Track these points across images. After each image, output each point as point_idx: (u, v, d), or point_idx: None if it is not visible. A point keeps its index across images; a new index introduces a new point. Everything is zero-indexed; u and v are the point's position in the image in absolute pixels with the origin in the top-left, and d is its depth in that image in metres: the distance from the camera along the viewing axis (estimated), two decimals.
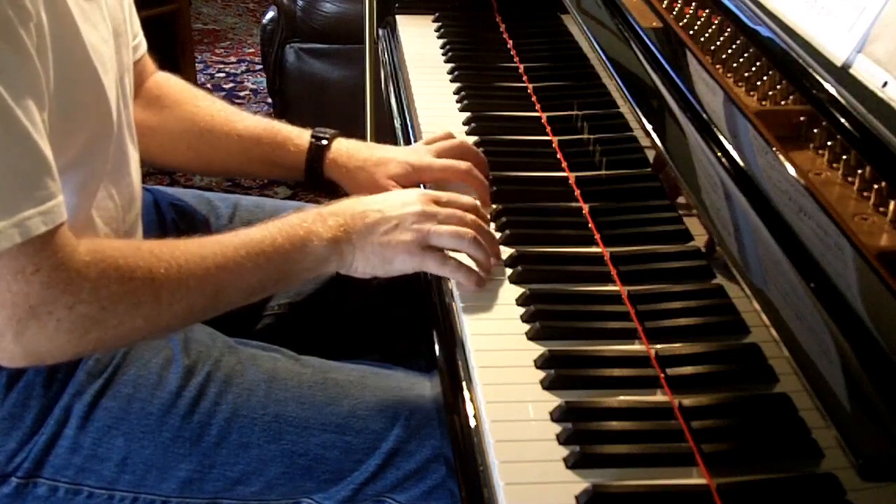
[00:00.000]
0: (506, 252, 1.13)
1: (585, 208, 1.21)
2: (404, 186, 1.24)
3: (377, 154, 1.29)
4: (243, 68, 3.91)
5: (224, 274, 1.00)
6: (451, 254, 1.08)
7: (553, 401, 0.92)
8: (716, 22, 1.12)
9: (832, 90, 0.89)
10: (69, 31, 1.00)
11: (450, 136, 1.32)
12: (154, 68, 1.35)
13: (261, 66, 3.56)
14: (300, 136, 1.31)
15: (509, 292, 1.08)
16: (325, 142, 1.30)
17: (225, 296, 1.02)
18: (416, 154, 1.29)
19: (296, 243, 1.04)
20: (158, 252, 0.98)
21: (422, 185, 1.27)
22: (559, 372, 0.95)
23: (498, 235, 1.15)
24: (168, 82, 1.36)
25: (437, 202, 1.10)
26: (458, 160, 1.26)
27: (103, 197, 1.12)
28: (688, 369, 0.94)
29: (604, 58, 1.25)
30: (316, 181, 1.31)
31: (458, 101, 1.50)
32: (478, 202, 1.14)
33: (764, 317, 0.81)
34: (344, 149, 1.30)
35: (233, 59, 4.01)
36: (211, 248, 1.01)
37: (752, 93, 1.00)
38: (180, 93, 1.34)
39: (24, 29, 0.90)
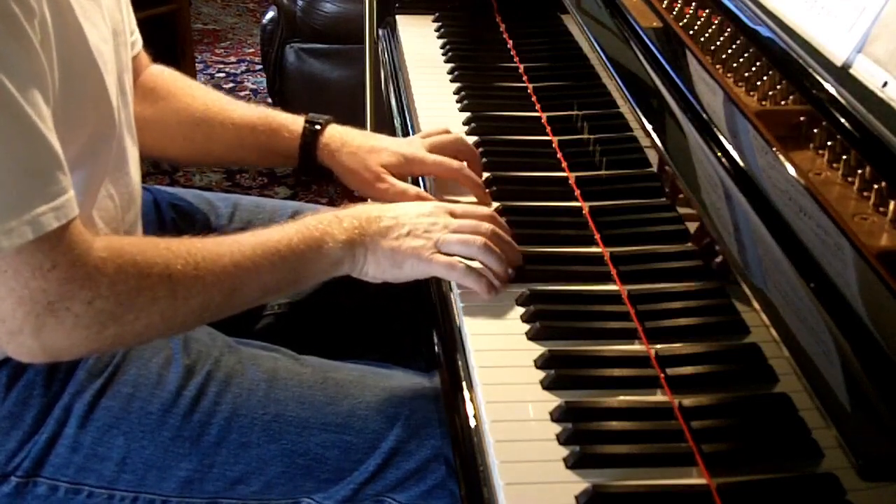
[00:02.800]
0: None
1: (585, 208, 1.21)
2: (396, 176, 1.25)
3: (370, 142, 1.30)
4: (243, 68, 3.91)
5: (240, 272, 1.01)
6: (467, 261, 1.08)
7: (553, 401, 0.92)
8: (716, 22, 1.12)
9: (832, 90, 0.89)
10: (72, 29, 1.00)
11: (446, 132, 1.32)
12: (149, 62, 1.36)
13: (261, 66, 3.56)
14: (294, 123, 1.32)
15: (509, 292, 1.07)
16: (318, 127, 1.31)
17: (241, 294, 1.02)
18: (410, 146, 1.29)
19: (311, 244, 1.04)
20: (175, 248, 0.98)
21: (411, 179, 1.28)
22: (559, 372, 0.95)
23: None
24: (162, 74, 1.36)
25: (453, 214, 1.10)
26: (452, 158, 1.26)
27: (103, 196, 1.12)
28: (688, 369, 0.94)
29: (604, 58, 1.25)
30: (309, 167, 1.31)
31: (458, 101, 1.50)
32: (494, 212, 1.14)
33: (764, 317, 0.81)
34: (338, 135, 1.31)
35: (233, 59, 4.02)
36: (228, 246, 1.01)
37: (752, 93, 1.00)
38: (174, 83, 1.35)
39: (29, 25, 0.90)
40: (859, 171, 0.85)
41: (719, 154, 0.94)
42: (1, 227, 0.88)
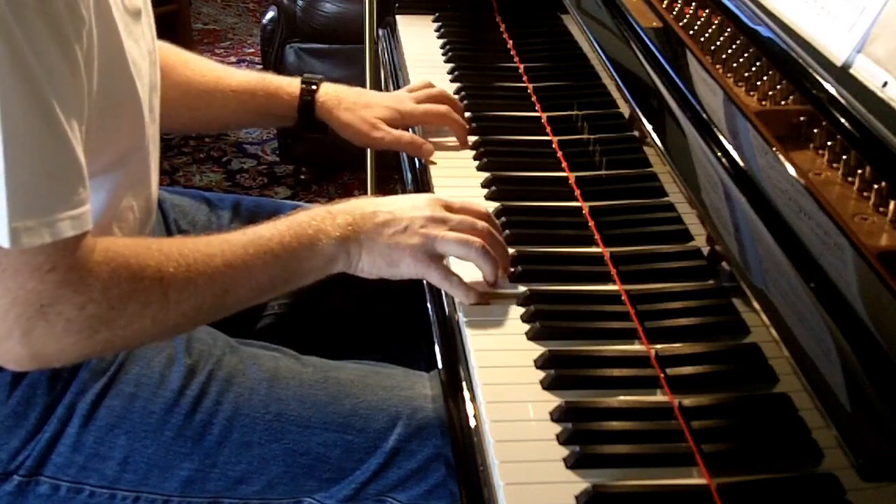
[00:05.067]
0: None
1: (585, 208, 1.22)
2: (390, 127, 1.37)
3: (365, 98, 1.41)
4: (243, 68, 3.91)
5: (232, 272, 1.00)
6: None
7: (553, 401, 0.92)
8: (716, 22, 1.12)
9: (832, 90, 0.89)
10: (114, 43, 1.01)
11: (430, 85, 1.45)
12: None
13: (261, 66, 3.55)
14: (291, 85, 1.40)
15: (509, 292, 1.07)
16: (314, 87, 1.40)
17: (233, 294, 1.02)
18: (400, 101, 1.41)
19: (304, 242, 1.04)
20: (167, 250, 0.98)
21: (410, 129, 1.40)
22: (559, 372, 0.95)
23: None
24: (159, 50, 1.37)
25: (450, 208, 1.09)
26: (438, 105, 1.40)
27: (125, 208, 1.12)
28: (688, 369, 0.94)
29: (604, 58, 1.26)
30: (307, 124, 1.41)
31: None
32: (490, 211, 1.14)
33: (764, 317, 0.81)
34: (333, 93, 1.40)
35: (233, 59, 4.02)
36: (219, 246, 1.01)
37: (752, 93, 1.00)
38: (170, 58, 1.38)
39: (76, 34, 0.91)
40: (859, 171, 0.85)
41: (719, 154, 0.94)
42: (22, 223, 0.88)
